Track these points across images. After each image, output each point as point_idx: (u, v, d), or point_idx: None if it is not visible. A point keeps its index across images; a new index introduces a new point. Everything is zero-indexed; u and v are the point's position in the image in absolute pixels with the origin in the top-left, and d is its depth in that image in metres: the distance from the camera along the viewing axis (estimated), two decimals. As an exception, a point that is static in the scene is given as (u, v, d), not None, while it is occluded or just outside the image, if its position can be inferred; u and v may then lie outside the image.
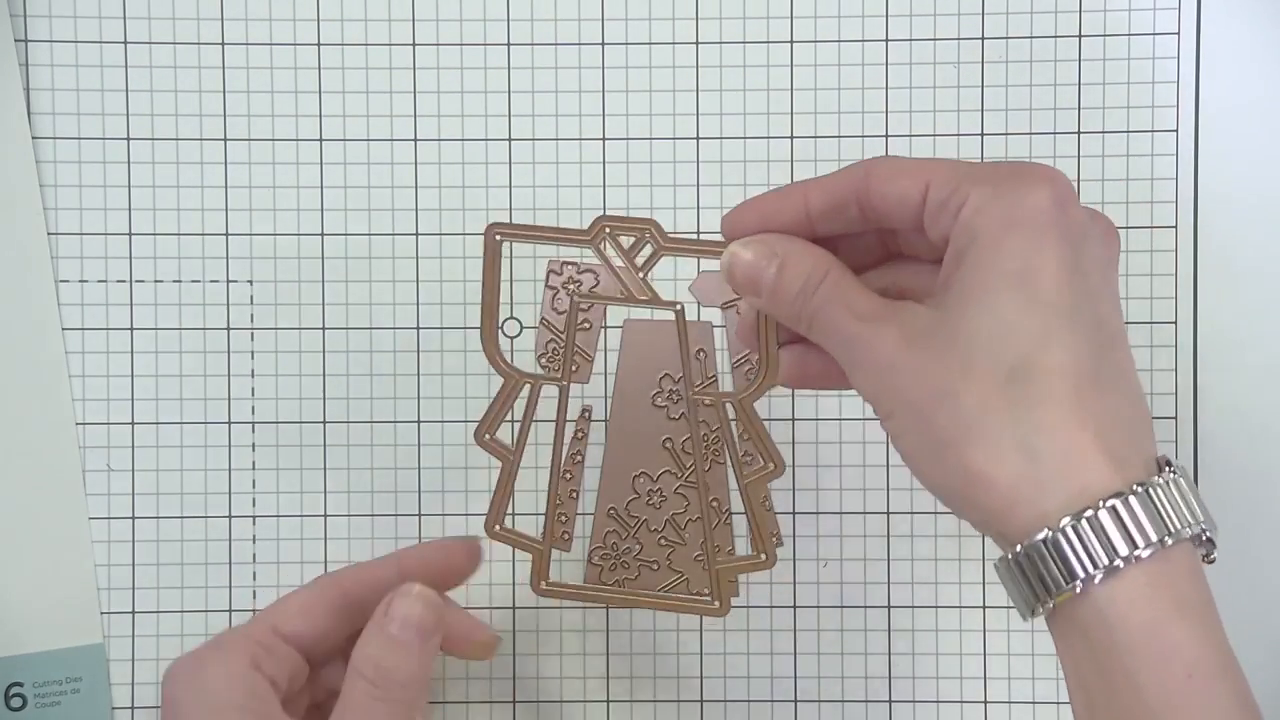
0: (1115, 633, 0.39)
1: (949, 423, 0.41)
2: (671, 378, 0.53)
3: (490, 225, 0.48)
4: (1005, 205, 0.41)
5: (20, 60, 0.55)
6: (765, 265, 0.45)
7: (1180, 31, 0.56)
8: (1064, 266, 0.40)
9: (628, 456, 0.53)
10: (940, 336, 0.41)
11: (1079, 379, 0.40)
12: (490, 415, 0.50)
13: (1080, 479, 0.39)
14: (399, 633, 0.46)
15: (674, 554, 0.53)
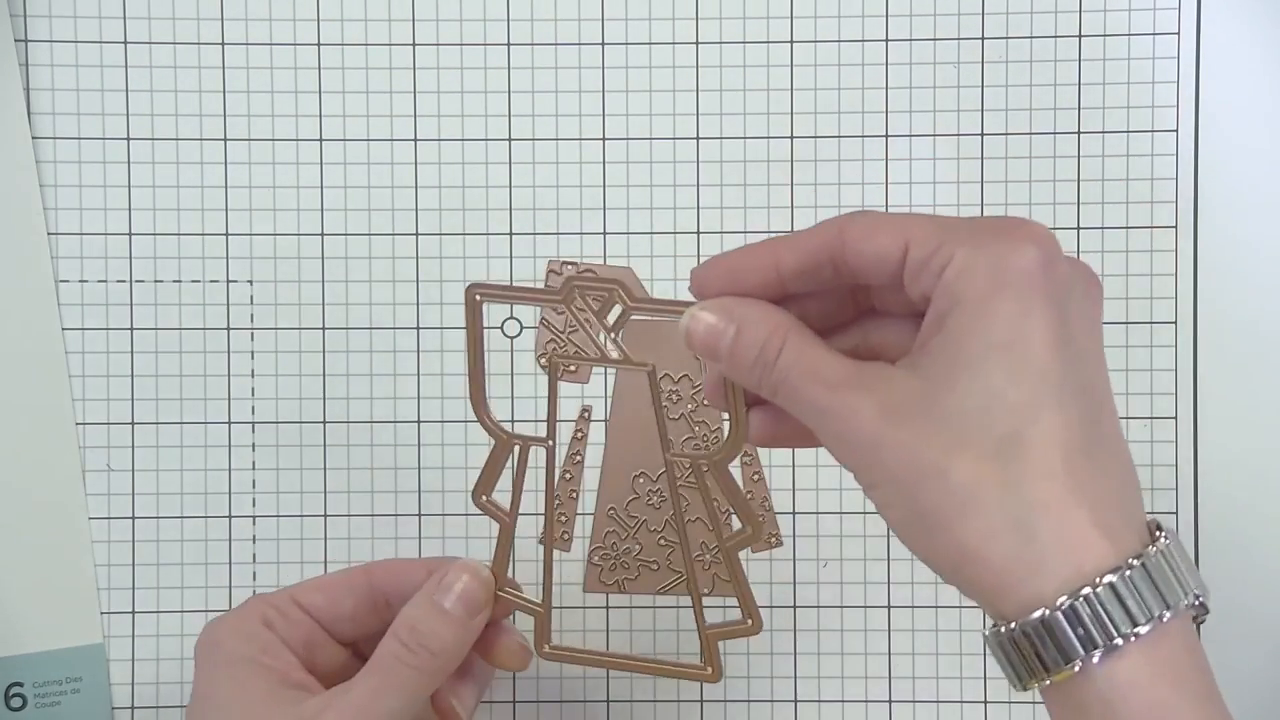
0: (1116, 713, 0.38)
1: (938, 500, 0.39)
2: (671, 378, 0.53)
3: (470, 286, 0.46)
4: (990, 267, 0.39)
5: (20, 60, 0.55)
6: (722, 330, 0.43)
7: (1180, 31, 0.56)
8: (1051, 332, 0.39)
9: (627, 457, 0.53)
10: (923, 408, 0.40)
11: (1070, 451, 0.39)
12: (485, 477, 0.49)
13: (1076, 556, 0.38)
14: (443, 600, 0.46)
15: (673, 554, 0.53)
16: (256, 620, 0.46)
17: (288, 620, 0.47)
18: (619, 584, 0.54)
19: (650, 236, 0.55)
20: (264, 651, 0.46)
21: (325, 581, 0.49)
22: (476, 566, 0.47)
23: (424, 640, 0.45)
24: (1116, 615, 0.38)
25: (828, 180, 0.56)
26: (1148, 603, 0.38)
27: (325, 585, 0.49)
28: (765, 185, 0.56)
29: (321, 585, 0.49)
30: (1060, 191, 0.56)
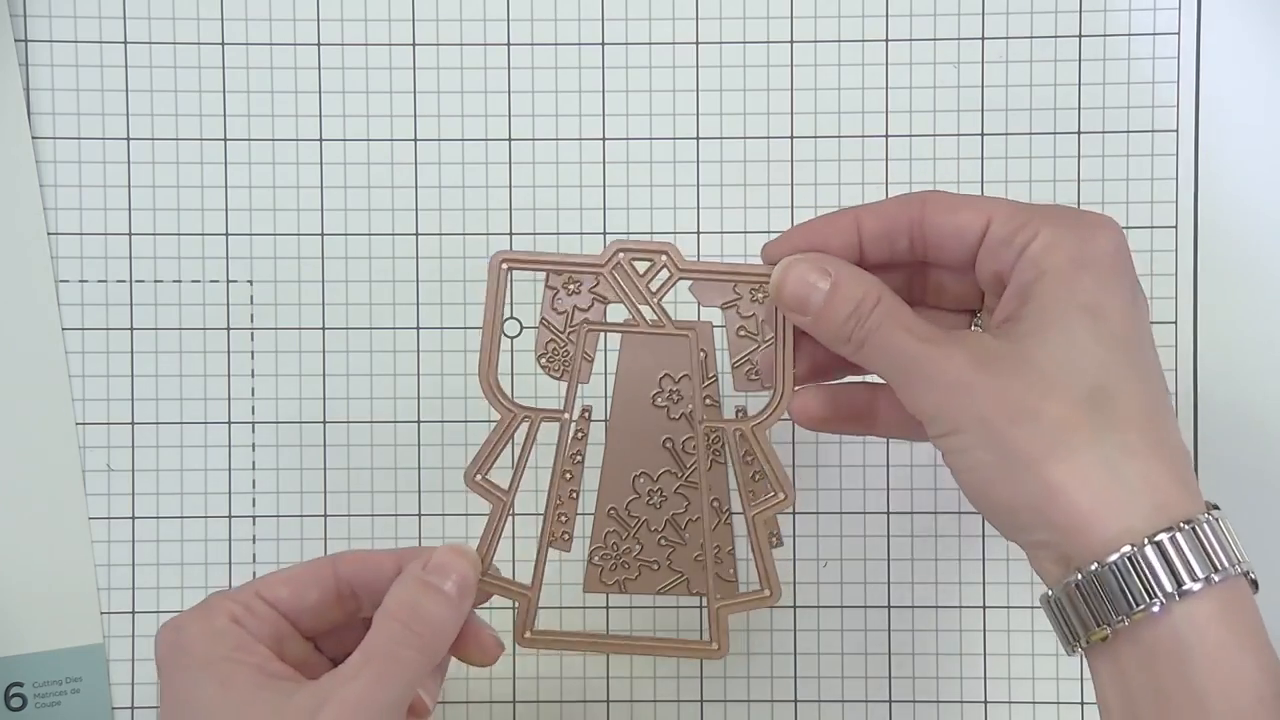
0: (1190, 653, 0.40)
1: (1028, 440, 0.41)
2: (672, 377, 0.53)
3: (497, 254, 0.48)
4: (1075, 245, 0.43)
5: (20, 60, 0.55)
6: (816, 284, 0.45)
7: (1180, 31, 0.56)
8: (1128, 309, 0.42)
9: (628, 456, 0.53)
10: (1013, 360, 0.42)
11: (1151, 409, 0.42)
12: (483, 454, 0.49)
13: (1160, 499, 0.40)
14: (438, 581, 0.46)
15: (674, 554, 0.53)
16: (224, 618, 0.45)
17: (254, 616, 0.46)
18: (620, 584, 0.54)
19: (650, 236, 0.56)
20: (237, 648, 0.44)
21: (289, 575, 0.48)
22: (464, 549, 0.47)
23: (424, 620, 0.45)
24: (1195, 559, 0.40)
25: (828, 180, 0.56)
26: (1221, 555, 0.40)
27: (290, 579, 0.47)
28: (765, 185, 0.56)
29: (286, 579, 0.47)
30: (1060, 191, 0.56)
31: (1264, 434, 0.56)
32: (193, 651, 0.44)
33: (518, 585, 0.50)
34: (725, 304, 0.53)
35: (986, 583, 0.56)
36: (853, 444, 0.56)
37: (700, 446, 0.51)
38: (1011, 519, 0.43)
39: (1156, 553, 0.40)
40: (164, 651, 0.45)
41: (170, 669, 0.44)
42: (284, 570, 0.48)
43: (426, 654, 0.45)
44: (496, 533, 0.49)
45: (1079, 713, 0.56)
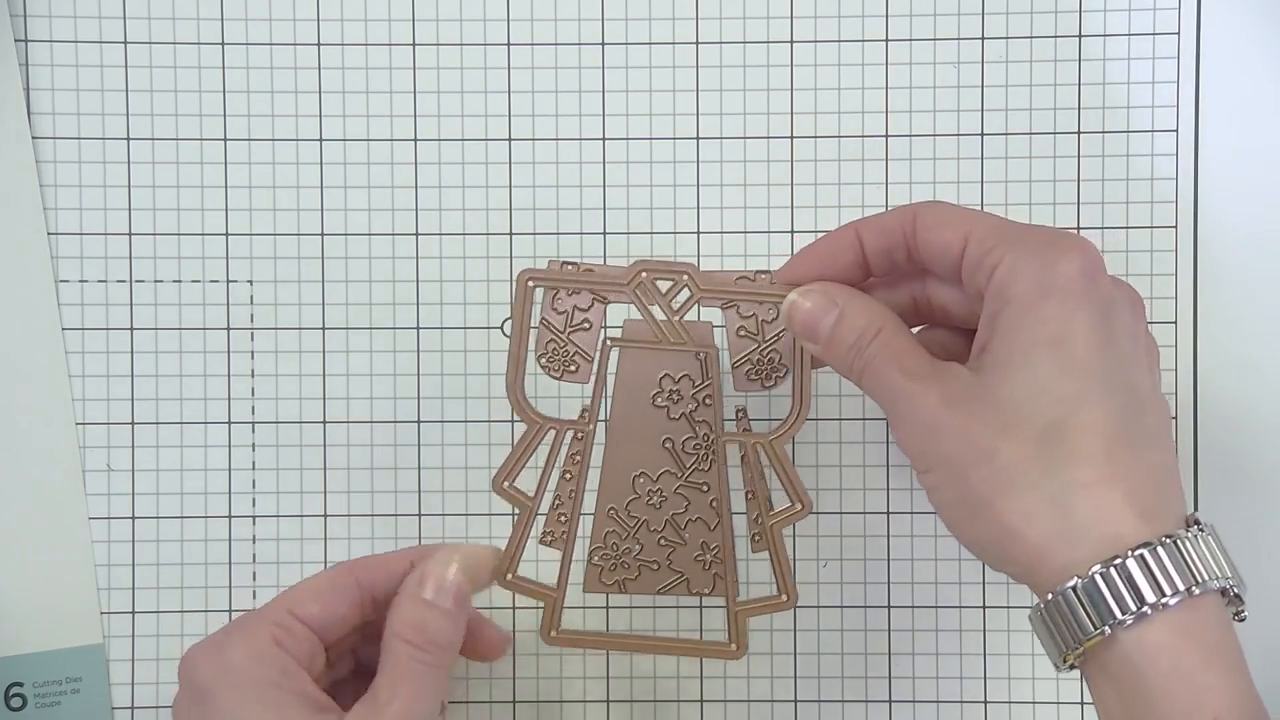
0: (1143, 678, 0.41)
1: (985, 480, 0.43)
2: (671, 377, 0.54)
3: (523, 272, 0.50)
4: (1038, 272, 0.43)
5: (20, 60, 0.56)
6: (824, 315, 0.47)
7: (1180, 31, 0.56)
8: (1095, 333, 0.43)
9: (628, 456, 0.54)
10: (978, 398, 0.43)
11: (1110, 439, 0.42)
12: (511, 461, 0.51)
13: (1111, 530, 0.41)
14: (435, 597, 0.47)
15: (674, 554, 0.54)
16: (268, 641, 0.47)
17: (294, 638, 0.47)
18: (619, 584, 0.54)
19: (650, 236, 0.56)
20: (284, 674, 0.46)
21: (316, 588, 0.49)
22: (451, 556, 0.48)
23: (431, 637, 0.47)
24: (1145, 585, 0.41)
25: (828, 180, 0.56)
26: (1176, 578, 0.41)
27: (318, 593, 0.49)
28: (765, 185, 0.56)
29: (315, 593, 0.49)
30: (1060, 191, 0.56)
31: (1264, 434, 0.57)
32: (241, 673, 0.46)
33: (543, 587, 0.52)
34: (725, 304, 0.54)
35: (986, 583, 0.57)
36: (853, 444, 0.57)
37: (721, 457, 0.52)
38: (982, 555, 0.44)
39: (1103, 582, 0.41)
40: (209, 672, 0.46)
41: (220, 689, 0.46)
42: (308, 583, 0.49)
43: (443, 665, 0.47)
44: (524, 537, 0.51)
45: (1079, 713, 0.57)
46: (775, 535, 0.52)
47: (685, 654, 0.54)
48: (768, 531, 0.52)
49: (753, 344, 0.55)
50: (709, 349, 0.52)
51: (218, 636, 0.48)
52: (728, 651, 0.52)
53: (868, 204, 0.56)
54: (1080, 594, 0.41)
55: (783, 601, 0.52)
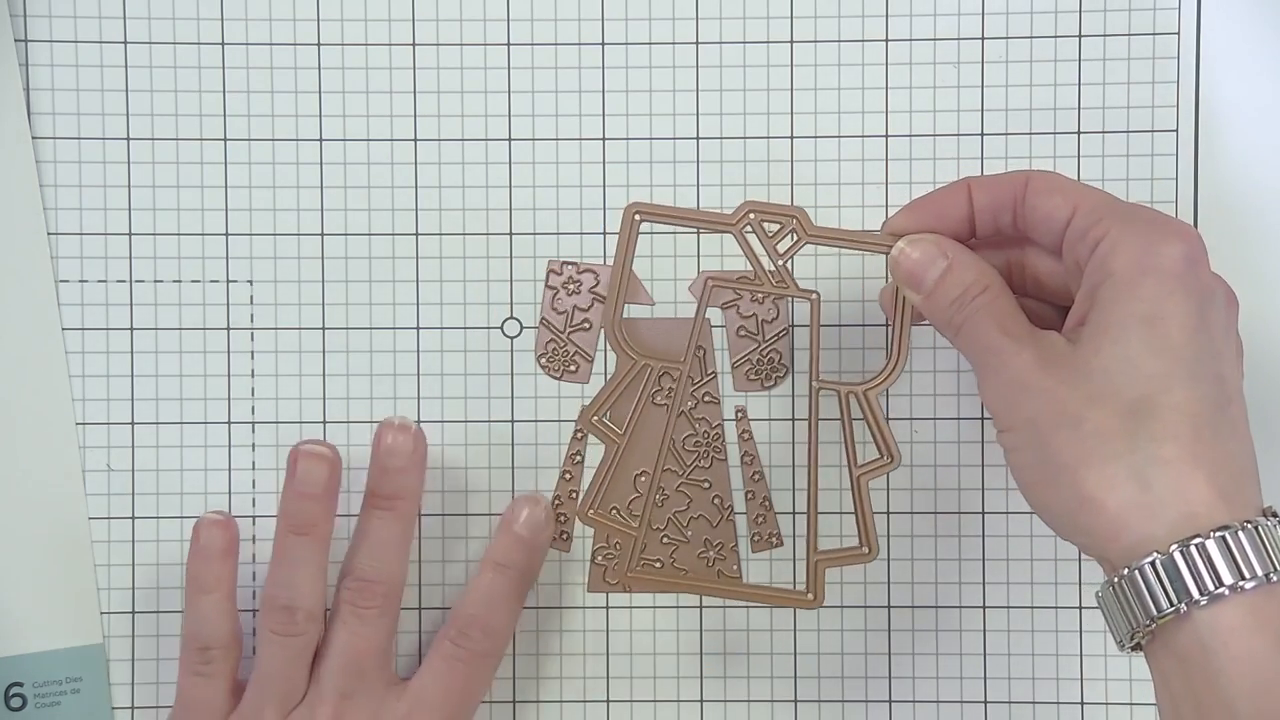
0: (1214, 659, 0.41)
1: (1067, 446, 0.43)
2: (671, 376, 0.54)
3: (631, 204, 0.51)
4: (1141, 251, 0.44)
5: (20, 60, 0.56)
6: (931, 265, 0.48)
7: (1180, 31, 0.56)
8: (1190, 319, 0.43)
9: (629, 456, 0.54)
10: (1070, 365, 0.44)
11: (1197, 422, 0.43)
12: (603, 396, 0.52)
13: (1190, 509, 0.42)
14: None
15: (677, 552, 0.54)
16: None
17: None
18: (623, 584, 0.55)
19: (650, 237, 0.56)
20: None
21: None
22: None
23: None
24: (1224, 566, 0.41)
25: (828, 180, 0.56)
26: (1255, 563, 0.41)
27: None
28: (765, 185, 0.56)
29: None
30: (1060, 191, 0.56)
31: (1264, 434, 0.56)
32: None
33: (624, 524, 0.52)
34: (725, 304, 0.54)
35: (986, 583, 0.57)
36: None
37: (813, 410, 0.53)
38: (1053, 521, 0.45)
39: (1182, 560, 0.41)
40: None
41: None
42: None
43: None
44: (611, 469, 0.52)
45: (1079, 713, 0.57)
46: (863, 487, 0.52)
47: (764, 602, 0.54)
48: (855, 483, 0.52)
49: (753, 344, 0.55)
50: (814, 294, 0.52)
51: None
52: (805, 600, 0.53)
53: (868, 204, 0.56)
54: (1159, 570, 0.42)
55: (864, 554, 0.53)
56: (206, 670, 0.53)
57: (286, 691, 0.52)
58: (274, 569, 0.53)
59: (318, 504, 0.53)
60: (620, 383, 0.52)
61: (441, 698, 0.53)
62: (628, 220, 0.51)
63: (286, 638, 0.52)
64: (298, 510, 0.53)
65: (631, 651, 0.57)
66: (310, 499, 0.53)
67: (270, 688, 0.52)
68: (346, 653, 0.53)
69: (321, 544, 0.53)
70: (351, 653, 0.53)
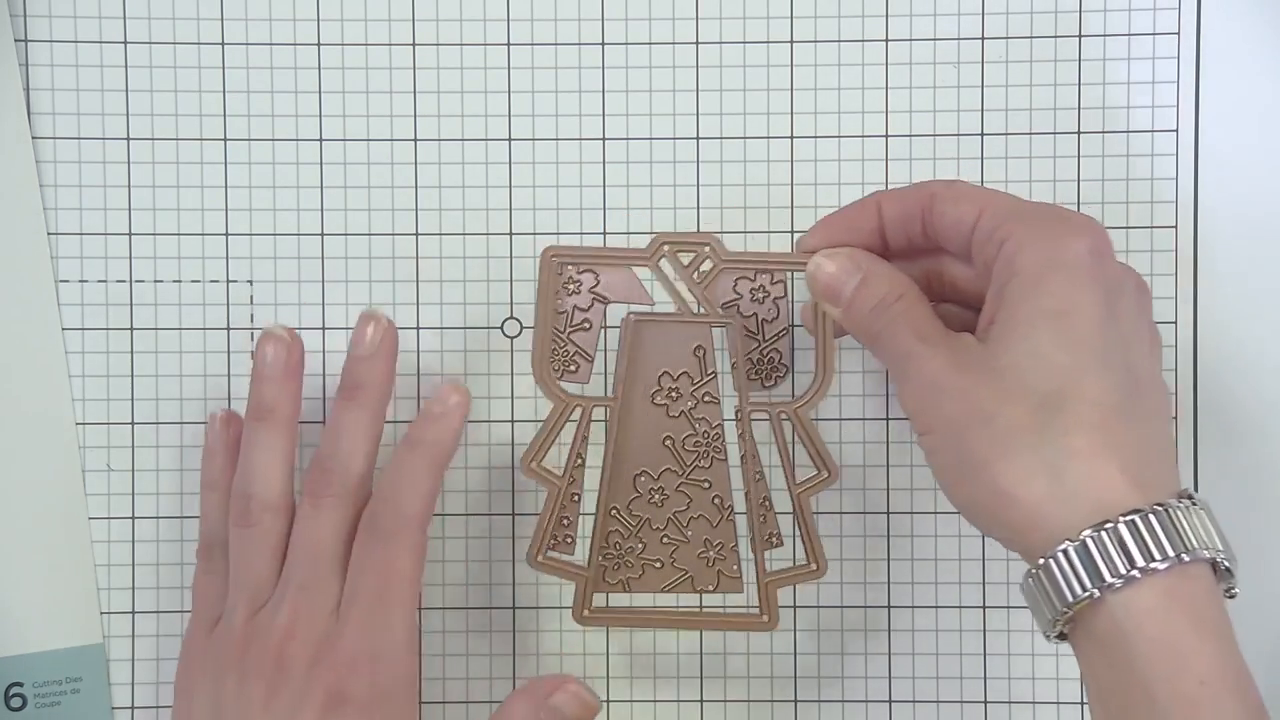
0: (1131, 642, 0.42)
1: (982, 444, 0.44)
2: (670, 375, 0.54)
3: (547, 249, 0.52)
4: (1046, 248, 0.45)
5: (20, 60, 0.56)
6: (848, 278, 0.49)
7: (1180, 31, 0.57)
8: (1097, 311, 0.44)
9: (628, 455, 0.54)
10: (982, 364, 0.45)
11: (1106, 412, 0.43)
12: (539, 441, 0.54)
13: (1102, 496, 0.43)
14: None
15: (678, 552, 0.54)
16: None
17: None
18: (624, 583, 0.55)
19: (650, 237, 0.56)
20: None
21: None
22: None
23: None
24: (1135, 549, 0.42)
25: (828, 180, 0.57)
26: (1166, 544, 0.42)
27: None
28: (765, 185, 0.57)
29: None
30: (1060, 191, 0.57)
31: (1264, 434, 0.57)
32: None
33: (575, 566, 0.53)
34: (725, 304, 0.54)
35: (986, 583, 0.57)
36: (853, 444, 0.57)
37: (746, 427, 0.54)
38: (975, 518, 0.46)
39: (1094, 545, 0.42)
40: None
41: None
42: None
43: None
44: (553, 516, 0.54)
45: (1079, 713, 0.57)
46: (803, 504, 0.53)
47: (717, 628, 0.55)
48: (796, 500, 0.53)
49: (753, 344, 0.55)
50: (730, 320, 0.53)
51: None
52: (759, 623, 0.54)
53: (868, 204, 0.56)
54: (1071, 557, 0.42)
55: (813, 570, 0.54)
56: (209, 567, 0.54)
57: (254, 585, 0.51)
58: (240, 461, 0.53)
59: (276, 386, 0.53)
60: (555, 425, 0.53)
61: (362, 583, 0.51)
62: (545, 264, 0.53)
63: (244, 529, 0.52)
64: (257, 394, 0.53)
65: (631, 651, 0.57)
66: (269, 381, 0.53)
67: (239, 582, 0.52)
68: (301, 544, 0.52)
69: (281, 429, 0.53)
70: (306, 543, 0.51)
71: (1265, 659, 0.56)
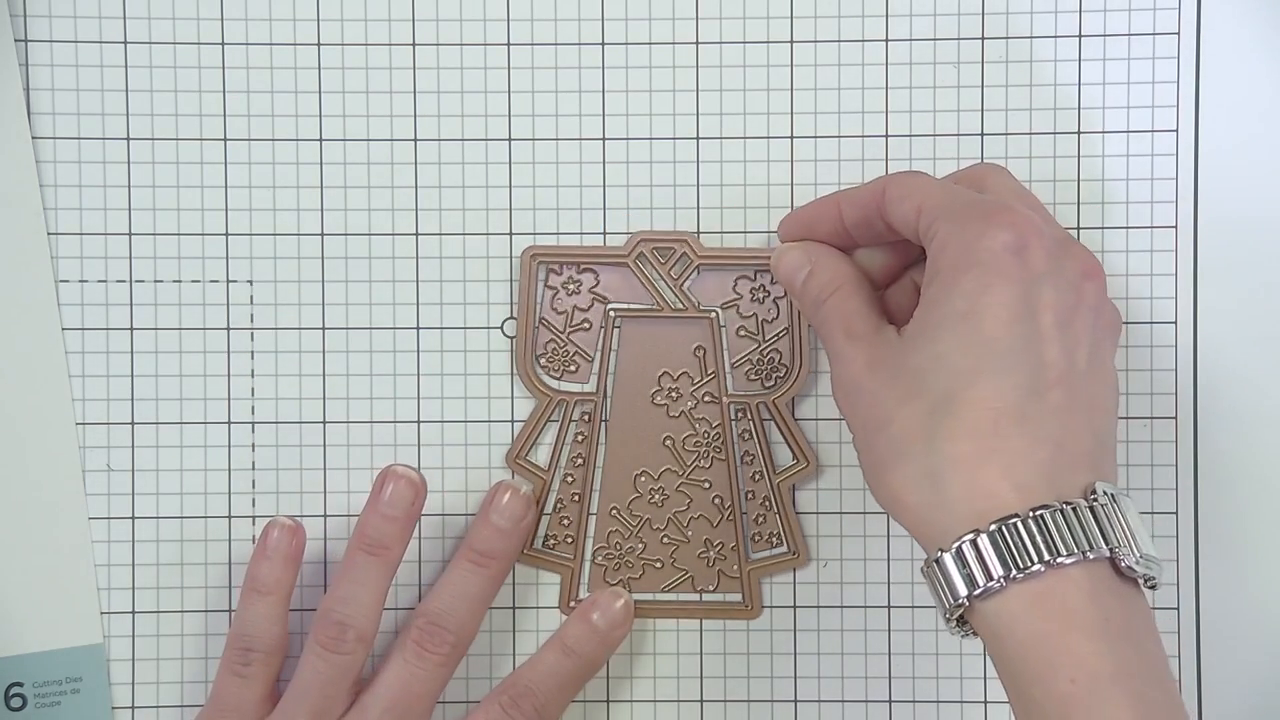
0: (1005, 645, 0.43)
1: (878, 448, 0.46)
2: (670, 375, 0.55)
3: (527, 249, 0.54)
4: (964, 246, 0.45)
5: (20, 60, 0.56)
6: (798, 270, 0.51)
7: (1180, 31, 0.57)
8: (1006, 309, 0.44)
9: (628, 456, 0.55)
10: (892, 366, 0.46)
11: (1000, 413, 0.44)
12: (523, 436, 0.55)
13: (979, 505, 0.43)
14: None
15: (678, 551, 0.55)
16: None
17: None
18: (624, 583, 0.55)
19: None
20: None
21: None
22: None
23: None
24: (995, 561, 0.43)
25: (828, 180, 0.57)
26: (1032, 551, 0.42)
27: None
28: (765, 185, 0.57)
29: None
30: (1060, 191, 0.57)
31: (1264, 434, 0.57)
32: None
33: (559, 559, 0.54)
34: (725, 304, 0.55)
35: (986, 583, 0.57)
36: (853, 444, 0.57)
37: (726, 423, 0.56)
38: (890, 514, 0.47)
39: (966, 555, 0.43)
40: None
41: None
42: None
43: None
44: (538, 511, 0.55)
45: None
46: (782, 493, 0.54)
47: (697, 616, 0.56)
48: (774, 490, 0.54)
49: (753, 344, 0.56)
50: (711, 313, 0.54)
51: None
52: (744, 612, 0.54)
53: (868, 204, 0.57)
54: (946, 565, 0.44)
55: (793, 559, 0.55)
56: (245, 671, 0.53)
57: (322, 709, 0.52)
58: (337, 583, 0.53)
59: (397, 527, 0.53)
60: (539, 420, 0.54)
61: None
62: (526, 264, 0.54)
63: (333, 654, 0.52)
64: (376, 529, 0.53)
65: (631, 651, 0.58)
66: (391, 521, 0.53)
67: (306, 701, 0.52)
68: (397, 690, 0.53)
69: (389, 568, 0.53)
70: (403, 691, 0.53)
71: (1266, 658, 0.57)
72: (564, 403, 0.55)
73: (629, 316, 0.55)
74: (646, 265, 0.54)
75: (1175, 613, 0.57)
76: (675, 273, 0.54)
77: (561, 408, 0.55)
